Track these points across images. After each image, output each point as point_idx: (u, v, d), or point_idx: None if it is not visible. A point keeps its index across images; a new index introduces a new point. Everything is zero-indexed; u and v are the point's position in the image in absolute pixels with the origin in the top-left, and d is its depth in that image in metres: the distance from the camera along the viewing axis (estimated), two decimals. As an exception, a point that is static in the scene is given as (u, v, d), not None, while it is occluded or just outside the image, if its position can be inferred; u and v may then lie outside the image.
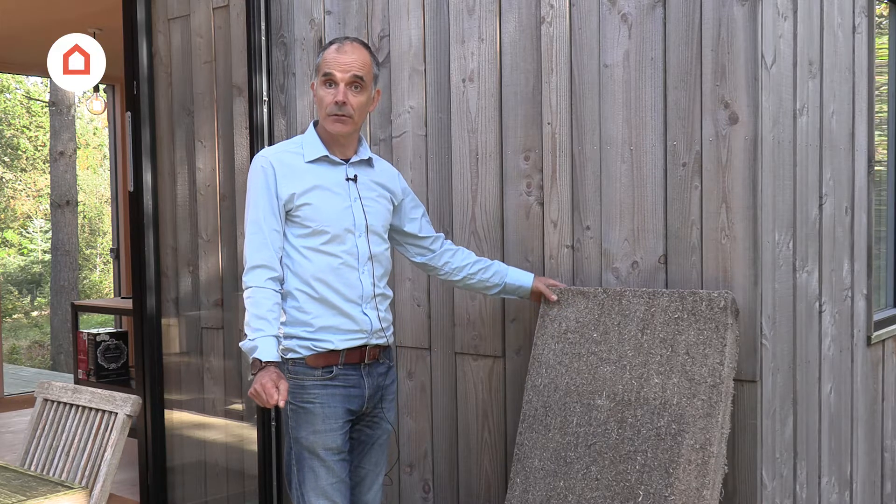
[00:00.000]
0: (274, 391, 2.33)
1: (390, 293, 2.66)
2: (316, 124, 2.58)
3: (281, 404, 2.35)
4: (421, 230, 2.77)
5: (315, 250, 2.48)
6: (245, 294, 2.46)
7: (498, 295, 2.87)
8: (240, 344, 2.44)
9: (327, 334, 2.48)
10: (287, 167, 2.49)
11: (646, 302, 2.71)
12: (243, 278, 2.48)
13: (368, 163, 2.61)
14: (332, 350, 2.48)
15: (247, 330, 2.42)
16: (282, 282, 2.49)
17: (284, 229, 2.49)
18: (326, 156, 2.52)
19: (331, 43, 2.53)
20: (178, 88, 4.08)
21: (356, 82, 2.48)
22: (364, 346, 2.53)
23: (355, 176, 2.55)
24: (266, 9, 3.64)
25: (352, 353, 2.51)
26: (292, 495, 2.56)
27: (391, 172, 2.72)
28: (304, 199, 2.47)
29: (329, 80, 2.48)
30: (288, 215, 2.48)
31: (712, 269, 2.66)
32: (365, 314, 2.52)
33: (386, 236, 2.64)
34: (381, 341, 2.57)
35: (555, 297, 2.84)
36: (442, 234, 2.86)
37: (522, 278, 2.85)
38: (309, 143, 2.54)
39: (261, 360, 2.37)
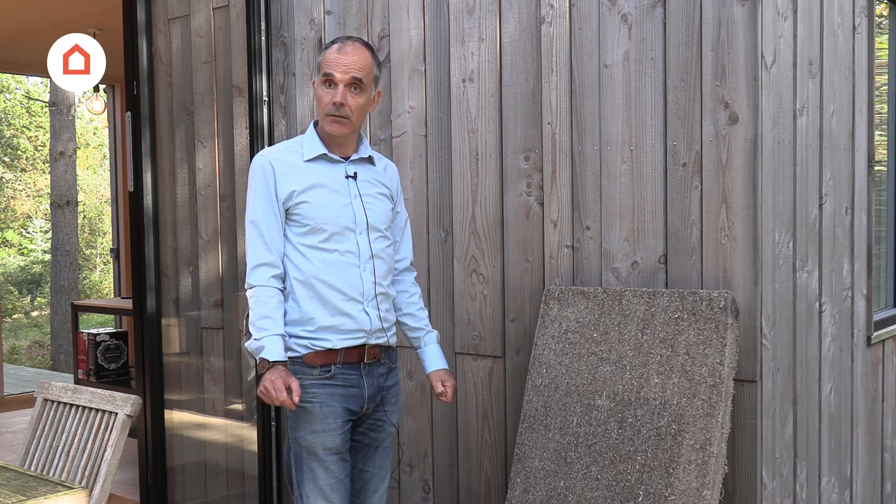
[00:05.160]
0: (282, 388, 2.35)
1: (393, 293, 2.65)
2: (316, 124, 2.59)
3: (292, 403, 2.36)
4: (394, 242, 2.70)
5: (313, 248, 2.48)
6: (249, 293, 2.46)
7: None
8: (245, 344, 2.44)
9: (327, 333, 2.47)
10: (286, 165, 2.49)
11: (646, 302, 2.71)
12: (246, 277, 2.48)
13: (369, 161, 2.61)
14: (331, 349, 2.48)
15: (252, 329, 2.42)
16: (284, 279, 2.50)
17: (284, 228, 2.50)
18: (325, 154, 2.52)
19: (333, 42, 2.53)
20: (178, 88, 4.08)
21: (355, 84, 2.48)
22: (363, 345, 2.52)
23: (355, 173, 2.55)
24: (266, 9, 3.64)
25: (350, 352, 2.50)
26: (293, 495, 2.55)
27: (392, 171, 2.71)
28: (302, 196, 2.47)
29: (329, 81, 2.48)
30: (287, 213, 2.49)
31: (712, 269, 2.66)
32: (365, 313, 2.51)
33: (388, 234, 2.63)
34: (380, 341, 2.56)
35: (441, 393, 2.69)
36: (413, 269, 2.77)
37: (431, 360, 2.71)
38: (308, 141, 2.54)
39: (268, 360, 2.38)
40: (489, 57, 3.10)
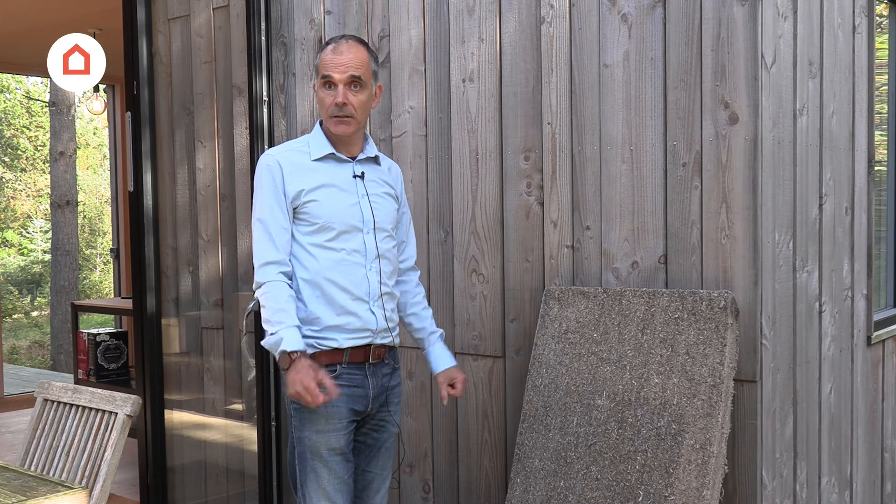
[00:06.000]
0: (316, 389, 2.32)
1: (398, 293, 2.65)
2: (322, 123, 2.59)
3: (332, 396, 2.35)
4: (400, 242, 2.72)
5: (321, 247, 2.47)
6: (259, 292, 2.44)
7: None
8: (262, 342, 2.43)
9: (332, 333, 2.47)
10: (294, 165, 2.49)
11: (646, 302, 2.71)
12: (255, 277, 2.47)
13: (375, 160, 2.61)
14: (337, 348, 2.48)
15: (266, 326, 2.40)
16: (291, 278, 2.49)
17: (292, 227, 2.50)
18: (333, 153, 2.52)
19: (327, 43, 2.53)
20: (178, 88, 4.08)
21: (355, 82, 2.48)
22: (369, 345, 2.52)
23: (362, 173, 2.55)
24: (266, 9, 3.64)
25: (356, 351, 2.50)
26: (296, 495, 2.55)
27: (396, 172, 2.71)
28: (311, 195, 2.47)
29: (328, 82, 2.48)
30: (295, 212, 2.49)
31: (712, 269, 2.66)
32: (371, 312, 2.51)
33: (394, 234, 2.63)
34: (385, 341, 2.56)
35: (446, 395, 2.67)
36: (417, 268, 2.78)
37: (438, 360, 2.70)
38: (315, 141, 2.55)
39: (289, 353, 2.35)
40: (489, 57, 3.10)
